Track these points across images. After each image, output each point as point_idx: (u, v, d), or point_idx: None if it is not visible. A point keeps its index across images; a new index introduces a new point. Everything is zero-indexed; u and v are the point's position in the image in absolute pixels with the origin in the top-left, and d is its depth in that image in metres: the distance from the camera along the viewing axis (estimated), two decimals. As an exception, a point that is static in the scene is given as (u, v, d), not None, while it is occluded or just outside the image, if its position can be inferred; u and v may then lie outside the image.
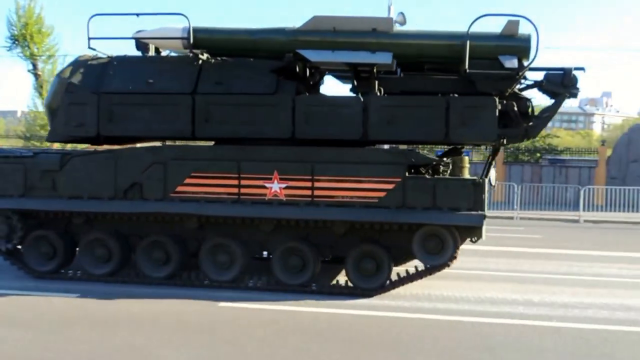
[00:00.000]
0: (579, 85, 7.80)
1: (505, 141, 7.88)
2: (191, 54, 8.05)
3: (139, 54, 8.53)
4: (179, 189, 7.72)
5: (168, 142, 9.24)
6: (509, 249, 11.93)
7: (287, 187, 7.53)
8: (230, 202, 7.63)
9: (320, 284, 7.80)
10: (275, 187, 7.57)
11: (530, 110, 7.75)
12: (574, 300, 7.63)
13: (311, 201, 7.49)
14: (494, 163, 8.64)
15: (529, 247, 12.32)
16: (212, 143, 8.37)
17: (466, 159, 7.80)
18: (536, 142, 37.07)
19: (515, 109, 7.56)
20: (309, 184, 7.50)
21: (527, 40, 7.45)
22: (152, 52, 8.62)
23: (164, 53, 8.74)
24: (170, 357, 5.22)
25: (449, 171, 7.93)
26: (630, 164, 28.41)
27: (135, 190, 7.85)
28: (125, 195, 7.86)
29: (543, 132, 43.80)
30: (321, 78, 8.87)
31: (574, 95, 7.87)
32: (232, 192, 7.63)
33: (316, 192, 7.49)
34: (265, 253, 8.49)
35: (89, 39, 8.19)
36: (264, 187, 7.58)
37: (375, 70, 7.74)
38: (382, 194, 7.36)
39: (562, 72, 7.72)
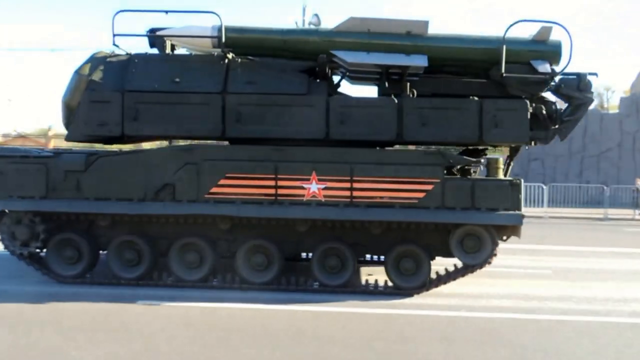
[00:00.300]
0: (592, 89, 8.20)
1: (533, 143, 8.14)
2: (219, 53, 7.95)
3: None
4: (214, 190, 7.59)
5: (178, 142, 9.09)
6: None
7: (325, 188, 7.54)
8: (268, 204, 7.56)
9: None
10: (314, 188, 7.55)
11: (555, 113, 8.05)
12: (481, 290, 7.98)
13: (350, 202, 7.52)
14: (512, 164, 8.89)
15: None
16: (225, 143, 8.29)
17: (501, 160, 8.01)
18: None
19: (544, 111, 7.84)
20: (348, 185, 7.52)
21: (558, 45, 7.74)
22: (168, 50, 8.45)
23: (177, 51, 8.58)
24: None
25: (477, 171, 8.14)
26: (531, 162, 29.15)
27: (167, 191, 7.66)
28: (157, 196, 7.66)
29: None
30: (341, 79, 8.91)
31: (591, 100, 8.24)
32: (269, 193, 7.57)
33: (355, 193, 7.53)
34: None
35: (114, 35, 7.95)
36: (302, 187, 7.56)
37: (406, 72, 7.85)
38: (421, 195, 7.46)
39: (577, 77, 8.05)
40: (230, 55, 7.89)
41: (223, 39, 7.73)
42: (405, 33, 7.73)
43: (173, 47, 8.47)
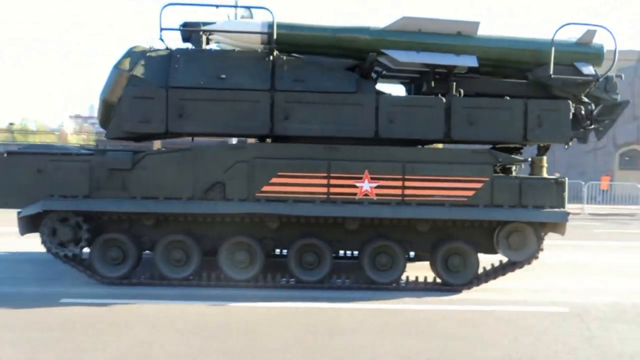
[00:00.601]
0: (617, 90, 8.53)
1: (571, 142, 8.40)
2: (263, 50, 7.84)
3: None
4: (265, 188, 7.52)
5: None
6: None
7: (377, 187, 7.58)
8: (320, 202, 7.55)
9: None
10: (366, 187, 7.59)
11: (590, 113, 8.32)
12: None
13: (402, 200, 7.59)
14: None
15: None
16: (250, 140, 8.20)
17: (544, 158, 8.23)
18: None
19: (582, 112, 8.11)
20: (399, 183, 7.59)
21: (600, 48, 7.99)
22: (204, 46, 8.25)
23: (209, 46, 8.39)
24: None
25: (518, 169, 8.35)
26: None
27: (217, 190, 7.54)
28: (206, 195, 7.52)
29: None
30: (377, 78, 8.93)
31: (615, 101, 8.55)
32: (321, 192, 7.55)
33: (406, 192, 7.61)
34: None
35: (161, 29, 7.71)
36: (355, 186, 7.57)
37: (452, 72, 7.94)
38: (470, 193, 7.61)
39: (604, 79, 8.33)
40: (275, 52, 7.79)
41: (274, 36, 7.61)
42: (455, 33, 7.81)
43: (207, 42, 8.29)
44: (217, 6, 7.71)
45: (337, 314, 6.63)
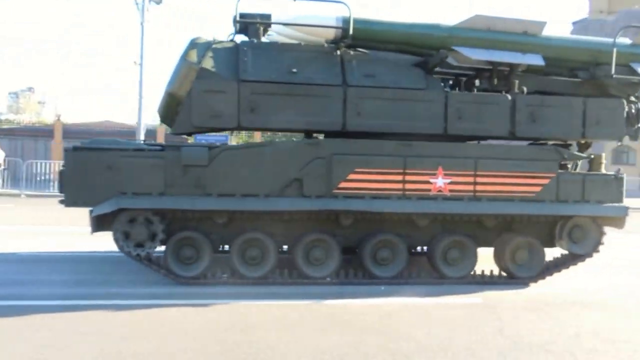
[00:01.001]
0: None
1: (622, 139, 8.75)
2: (329, 45, 7.78)
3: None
4: (342, 185, 7.48)
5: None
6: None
7: (451, 183, 7.69)
8: (396, 198, 7.58)
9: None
10: (440, 183, 7.68)
11: (638, 111, 8.69)
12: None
13: (474, 196, 7.73)
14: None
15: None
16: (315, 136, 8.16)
17: (604, 155, 8.54)
18: None
19: (633, 110, 8.48)
20: (471, 179, 7.72)
21: None
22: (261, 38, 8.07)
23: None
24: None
25: (574, 166, 8.64)
26: None
27: (294, 186, 7.43)
28: (283, 192, 7.40)
29: None
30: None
31: None
32: (396, 188, 7.58)
33: (478, 187, 7.75)
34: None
35: (236, 21, 7.50)
36: (429, 182, 7.65)
37: (516, 70, 8.12)
38: (538, 189, 7.83)
39: None
40: (342, 47, 7.73)
41: (351, 31, 7.55)
42: (522, 32, 7.97)
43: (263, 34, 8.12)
44: (294, -1, 7.54)
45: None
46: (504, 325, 6.18)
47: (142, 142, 8.12)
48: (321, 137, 8.12)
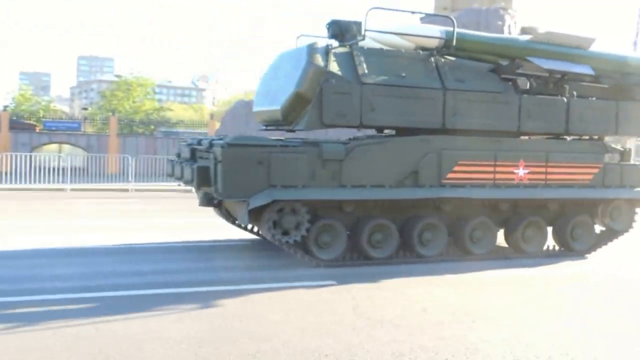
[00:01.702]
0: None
1: None
2: (425, 52, 8.88)
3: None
4: (449, 175, 8.62)
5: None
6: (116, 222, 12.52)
7: (529, 173, 9.11)
8: (489, 187, 8.86)
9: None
10: (521, 173, 9.07)
11: None
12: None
13: (545, 184, 9.21)
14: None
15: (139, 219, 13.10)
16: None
17: (632, 148, 10.37)
18: (150, 115, 41.33)
19: None
20: (543, 170, 9.20)
21: None
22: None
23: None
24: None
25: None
26: None
27: (412, 177, 8.44)
28: (402, 182, 8.38)
29: (157, 105, 47.84)
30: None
31: None
32: (489, 178, 8.87)
33: (548, 176, 9.24)
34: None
35: (366, 30, 8.33)
36: (513, 172, 9.02)
37: (566, 78, 9.70)
38: (590, 177, 9.50)
39: None
40: (435, 55, 8.87)
41: (454, 42, 8.69)
42: (575, 46, 9.55)
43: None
44: (412, 12, 8.53)
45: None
46: (357, 304, 6.43)
47: (279, 138, 8.66)
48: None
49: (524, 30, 10.31)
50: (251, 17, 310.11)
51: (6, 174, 20.75)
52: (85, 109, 55.28)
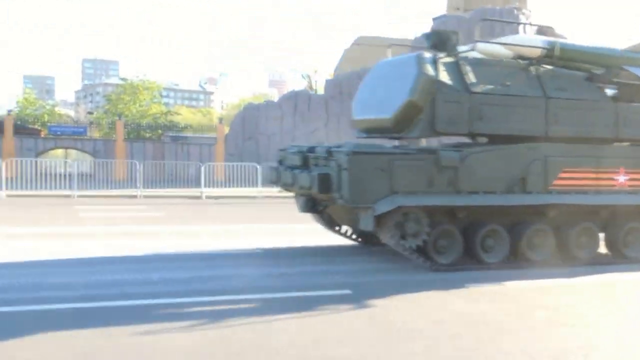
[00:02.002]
0: None
1: None
2: (525, 62, 9.09)
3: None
4: (555, 182, 8.77)
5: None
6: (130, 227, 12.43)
7: (630, 179, 9.26)
8: (592, 193, 9.00)
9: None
10: (622, 179, 9.23)
11: None
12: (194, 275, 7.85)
13: None
14: None
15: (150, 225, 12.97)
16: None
17: None
18: (157, 119, 41.39)
19: None
20: (640, 176, 9.33)
21: None
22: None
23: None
24: None
25: None
26: (245, 141, 31.74)
27: (519, 184, 8.58)
28: (510, 189, 8.51)
29: (164, 109, 47.68)
30: None
31: None
32: (591, 184, 9.01)
33: (641, 182, 9.35)
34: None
35: (476, 41, 8.55)
36: (614, 179, 9.17)
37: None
38: None
39: None
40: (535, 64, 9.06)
41: (557, 52, 8.91)
42: (667, 56, 9.77)
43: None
44: (518, 23, 8.72)
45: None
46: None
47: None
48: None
49: (541, 30, 10.56)
50: (251, 17, 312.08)
51: (12, 179, 20.28)
52: (90, 113, 54.83)
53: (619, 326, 6.03)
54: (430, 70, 8.33)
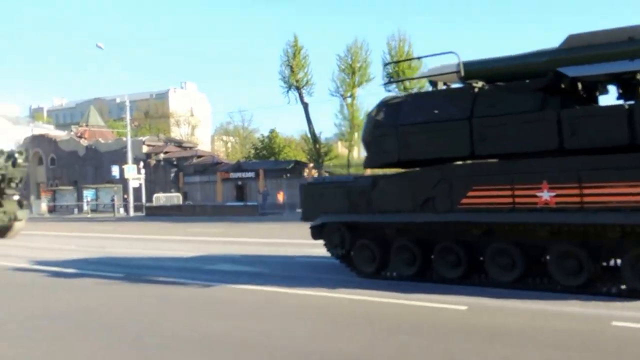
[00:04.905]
0: None
1: None
2: (467, 84, 9.42)
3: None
4: (463, 201, 9.13)
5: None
6: None
7: (556, 196, 8.28)
8: (507, 211, 8.70)
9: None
10: (546, 196, 8.38)
11: None
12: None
13: (581, 207, 8.08)
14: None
15: None
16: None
17: None
18: None
19: None
20: (577, 191, 8.10)
21: None
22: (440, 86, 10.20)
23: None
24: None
25: None
26: None
27: (430, 204, 9.50)
28: (422, 209, 9.57)
29: None
30: (596, 89, 9.19)
31: None
32: (506, 202, 8.70)
33: (585, 199, 8.05)
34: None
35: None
36: (535, 196, 8.47)
37: (635, 76, 7.93)
38: None
39: None
40: (480, 84, 9.25)
41: (462, 73, 9.22)
42: (627, 40, 7.88)
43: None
44: (418, 58, 9.71)
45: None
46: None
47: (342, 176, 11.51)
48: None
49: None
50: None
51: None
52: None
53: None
54: (374, 112, 10.51)
